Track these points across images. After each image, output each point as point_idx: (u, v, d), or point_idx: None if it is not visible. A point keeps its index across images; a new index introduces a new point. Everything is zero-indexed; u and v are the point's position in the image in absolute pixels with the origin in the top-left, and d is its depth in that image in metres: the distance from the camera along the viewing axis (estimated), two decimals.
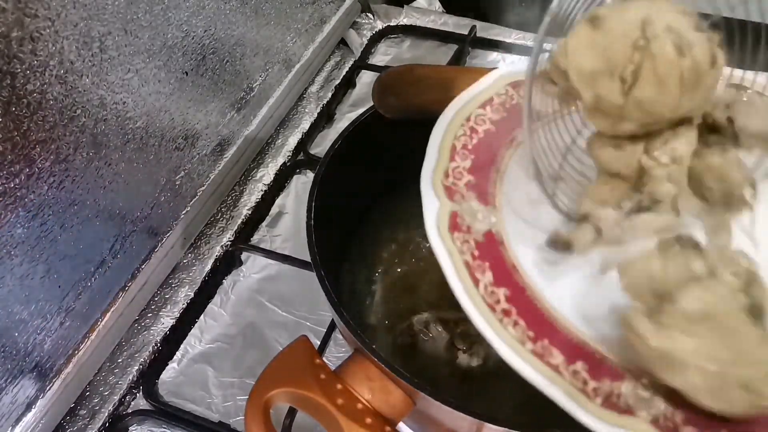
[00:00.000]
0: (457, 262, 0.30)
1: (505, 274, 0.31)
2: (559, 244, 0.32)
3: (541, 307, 0.30)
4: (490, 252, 0.31)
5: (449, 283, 0.29)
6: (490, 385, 0.44)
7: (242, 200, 0.63)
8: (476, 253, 0.31)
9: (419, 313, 0.47)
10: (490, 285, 0.30)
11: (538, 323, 0.29)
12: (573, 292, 0.31)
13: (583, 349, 0.29)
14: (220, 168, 0.60)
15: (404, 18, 0.83)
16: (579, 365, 0.28)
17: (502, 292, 0.30)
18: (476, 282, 0.30)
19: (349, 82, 0.75)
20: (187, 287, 0.56)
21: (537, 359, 0.28)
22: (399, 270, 0.51)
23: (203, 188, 0.58)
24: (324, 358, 0.35)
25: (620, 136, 0.32)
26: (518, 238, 0.33)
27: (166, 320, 0.54)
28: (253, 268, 0.58)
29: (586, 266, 0.32)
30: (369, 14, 0.83)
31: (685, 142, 0.31)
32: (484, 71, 0.47)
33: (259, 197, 0.63)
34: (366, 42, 0.80)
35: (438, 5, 0.87)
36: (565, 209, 0.35)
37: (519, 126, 0.36)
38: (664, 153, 0.31)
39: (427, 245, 0.51)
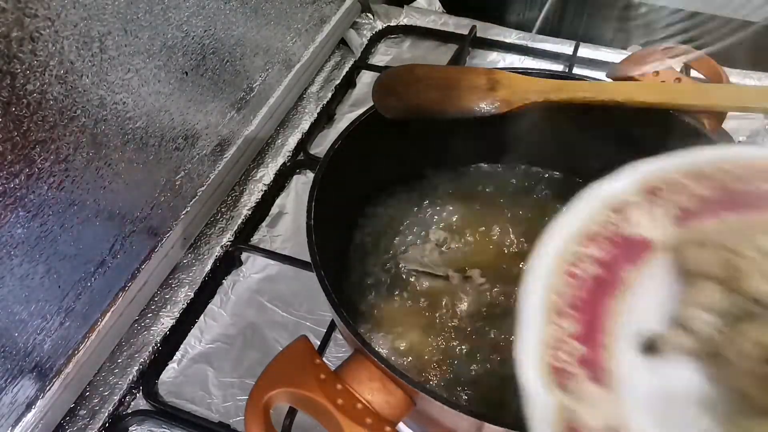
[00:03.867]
0: None
1: None
2: (647, 347, 0.27)
3: None
4: None
5: None
6: None
7: (242, 200, 0.63)
8: None
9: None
10: None
11: None
12: None
13: None
14: (219, 168, 0.60)
15: (404, 18, 0.83)
16: None
17: None
18: None
19: (349, 82, 0.75)
20: (187, 287, 0.56)
21: None
22: (400, 270, 0.51)
23: (203, 188, 0.58)
24: (324, 358, 0.35)
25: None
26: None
27: (166, 320, 0.54)
28: (253, 268, 0.58)
29: None
30: (369, 14, 0.83)
31: None
32: (484, 71, 0.47)
33: (259, 197, 0.63)
34: (366, 42, 0.80)
35: (438, 5, 0.87)
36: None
37: (630, 264, 0.30)
38: (751, 246, 0.27)
39: (427, 245, 0.52)
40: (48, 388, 0.46)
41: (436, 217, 0.53)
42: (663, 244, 0.30)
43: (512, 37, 0.79)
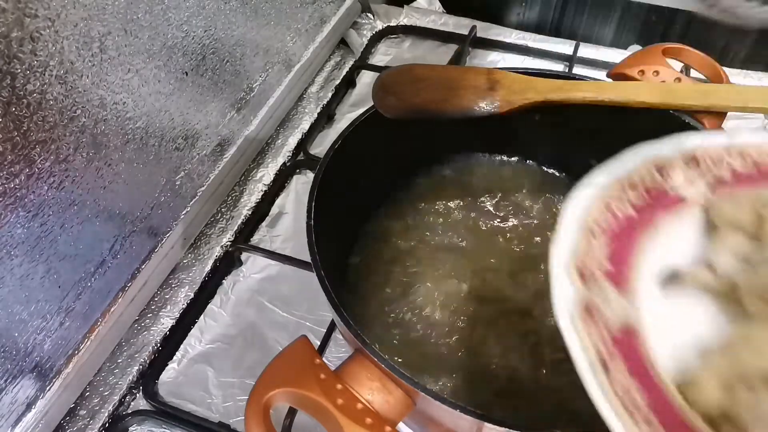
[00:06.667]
0: (593, 359, 0.27)
1: (642, 374, 0.28)
2: (669, 279, 0.31)
3: (680, 412, 0.27)
4: (627, 348, 0.29)
5: (584, 382, 0.27)
6: None
7: (242, 200, 0.63)
8: (612, 349, 0.28)
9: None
10: (628, 385, 0.27)
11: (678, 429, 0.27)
12: None
13: None
14: (220, 168, 0.60)
15: (404, 18, 0.83)
16: None
17: (639, 395, 0.27)
18: (612, 382, 0.27)
19: (349, 82, 0.75)
20: (187, 287, 0.56)
21: None
22: (400, 270, 0.51)
23: (203, 188, 0.58)
24: (324, 358, 0.35)
25: None
26: (657, 334, 0.29)
27: (166, 320, 0.54)
28: (253, 268, 0.58)
29: None
30: (369, 14, 0.83)
31: None
32: (484, 71, 0.47)
33: (259, 197, 0.63)
34: (366, 42, 0.80)
35: (438, 5, 0.87)
36: None
37: (663, 212, 0.34)
38: None
39: (426, 246, 0.52)
40: (48, 388, 0.46)
41: (436, 215, 0.53)
42: (696, 201, 0.34)
43: (512, 37, 0.79)
